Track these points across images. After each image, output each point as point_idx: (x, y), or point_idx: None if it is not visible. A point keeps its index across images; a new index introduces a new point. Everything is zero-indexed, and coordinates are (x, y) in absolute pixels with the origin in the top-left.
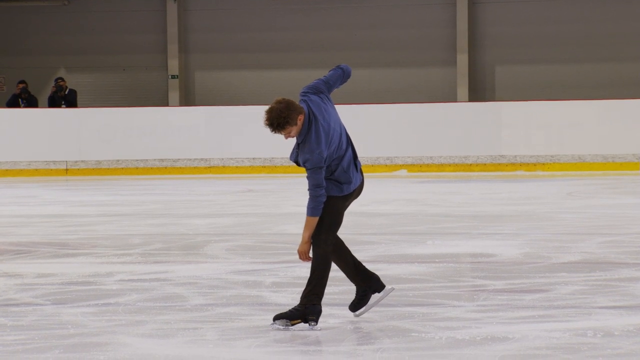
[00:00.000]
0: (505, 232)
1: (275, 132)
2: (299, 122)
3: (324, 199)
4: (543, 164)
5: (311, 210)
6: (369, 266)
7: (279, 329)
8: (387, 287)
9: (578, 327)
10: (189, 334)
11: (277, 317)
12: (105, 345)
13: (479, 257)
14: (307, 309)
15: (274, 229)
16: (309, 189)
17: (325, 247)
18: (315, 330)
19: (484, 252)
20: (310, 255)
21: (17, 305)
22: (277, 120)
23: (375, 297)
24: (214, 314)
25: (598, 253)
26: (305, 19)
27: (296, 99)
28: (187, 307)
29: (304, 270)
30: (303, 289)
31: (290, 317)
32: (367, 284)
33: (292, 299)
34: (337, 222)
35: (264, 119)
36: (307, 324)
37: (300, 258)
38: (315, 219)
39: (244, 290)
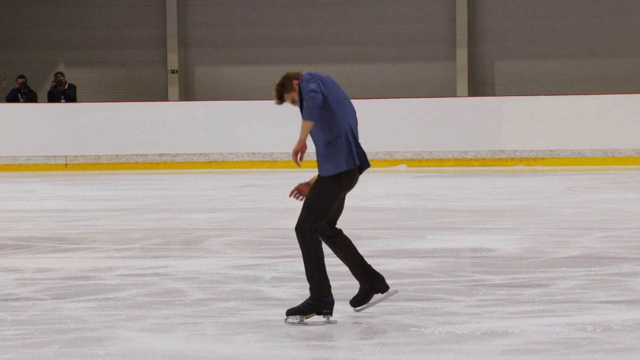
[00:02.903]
0: (505, 227)
1: (281, 103)
2: (296, 86)
3: (320, 103)
4: (543, 158)
5: (307, 111)
6: (369, 261)
7: (293, 324)
8: (391, 289)
9: (578, 322)
10: (188, 328)
11: (290, 312)
12: (104, 339)
13: (479, 252)
14: (320, 302)
15: (273, 224)
16: (304, 94)
17: (311, 236)
18: (320, 324)
19: (484, 247)
20: (300, 161)
21: (16, 300)
22: (276, 94)
23: (377, 296)
24: (213, 308)
25: (598, 248)
26: (305, 14)
27: None
28: (187, 302)
29: None
30: (304, 283)
31: (303, 311)
32: (371, 284)
33: (292, 293)
34: (327, 210)
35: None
36: (321, 317)
37: (292, 157)
38: (311, 124)
39: (244, 285)
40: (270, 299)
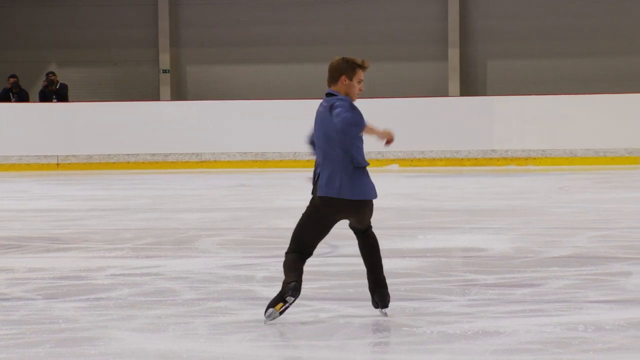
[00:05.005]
0: (497, 226)
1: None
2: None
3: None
4: (534, 158)
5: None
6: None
7: (272, 321)
8: (383, 310)
9: (569, 322)
10: (180, 328)
11: (265, 312)
12: (96, 339)
13: (471, 252)
14: (284, 290)
15: (265, 224)
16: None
17: (288, 256)
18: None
19: (476, 247)
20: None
21: (8, 299)
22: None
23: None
24: (205, 308)
25: (589, 247)
26: (297, 13)
27: (287, 93)
28: (179, 301)
29: None
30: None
31: (272, 304)
32: (373, 294)
33: None
34: (309, 239)
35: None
36: (286, 303)
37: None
38: (367, 127)
39: (236, 285)
40: (262, 298)
